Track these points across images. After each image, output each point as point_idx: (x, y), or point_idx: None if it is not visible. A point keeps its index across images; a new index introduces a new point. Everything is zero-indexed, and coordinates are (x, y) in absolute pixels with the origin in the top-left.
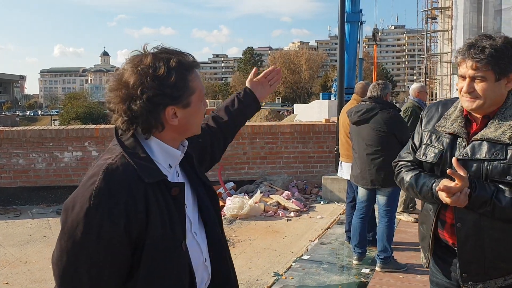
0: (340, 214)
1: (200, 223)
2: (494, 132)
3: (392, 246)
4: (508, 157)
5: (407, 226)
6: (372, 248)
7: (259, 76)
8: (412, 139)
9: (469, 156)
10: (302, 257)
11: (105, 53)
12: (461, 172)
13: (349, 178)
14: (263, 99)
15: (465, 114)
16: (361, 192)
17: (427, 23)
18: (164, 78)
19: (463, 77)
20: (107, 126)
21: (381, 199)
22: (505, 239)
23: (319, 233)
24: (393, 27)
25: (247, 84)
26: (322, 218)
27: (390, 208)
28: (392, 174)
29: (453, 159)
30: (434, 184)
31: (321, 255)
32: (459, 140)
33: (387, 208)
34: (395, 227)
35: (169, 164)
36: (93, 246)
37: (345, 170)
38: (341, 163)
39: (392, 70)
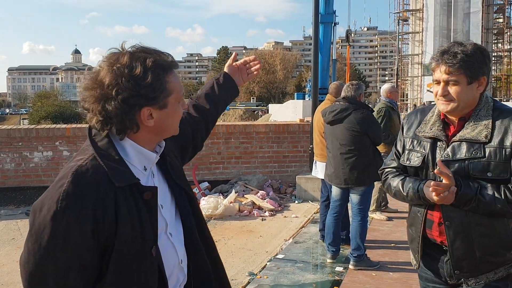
0: (314, 213)
1: (177, 224)
2: (471, 132)
3: (364, 244)
4: (486, 154)
5: (379, 224)
6: (346, 247)
7: (238, 62)
8: (395, 147)
9: (451, 157)
10: (277, 256)
11: (77, 51)
12: (447, 172)
13: (323, 177)
14: (240, 86)
15: (442, 118)
16: (335, 191)
17: (398, 25)
18: (140, 78)
19: (437, 82)
20: (79, 125)
21: (354, 197)
22: (492, 233)
23: (293, 232)
24: (365, 29)
25: (226, 69)
26: (296, 217)
27: (363, 207)
28: (365, 173)
29: (438, 160)
30: (420, 186)
31: (296, 254)
32: (439, 143)
33: (360, 207)
34: (368, 226)
35: (144, 166)
36: (60, 250)
37: (319, 170)
38: (315, 162)
39: (365, 71)
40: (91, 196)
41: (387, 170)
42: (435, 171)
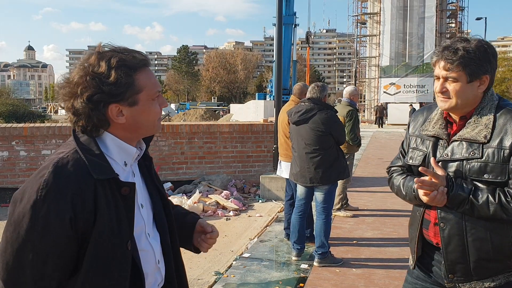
0: (278, 212)
1: (154, 226)
2: (471, 132)
3: (328, 241)
4: (484, 155)
5: (342, 222)
6: (310, 244)
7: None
8: (402, 145)
9: (449, 156)
10: (243, 255)
11: (30, 48)
12: (439, 172)
13: (288, 177)
14: (193, 246)
15: (445, 117)
16: (300, 190)
17: (357, 28)
18: (103, 76)
19: (437, 78)
20: (37, 124)
21: (319, 196)
22: (488, 238)
23: (258, 231)
24: (324, 31)
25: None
26: (260, 216)
27: (327, 205)
28: (329, 172)
29: (431, 159)
30: (416, 185)
31: (261, 253)
32: (440, 141)
33: (324, 205)
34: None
35: (125, 162)
36: (38, 239)
37: (284, 169)
38: (280, 162)
39: (324, 72)
40: (70, 186)
41: (393, 168)
42: (420, 168)
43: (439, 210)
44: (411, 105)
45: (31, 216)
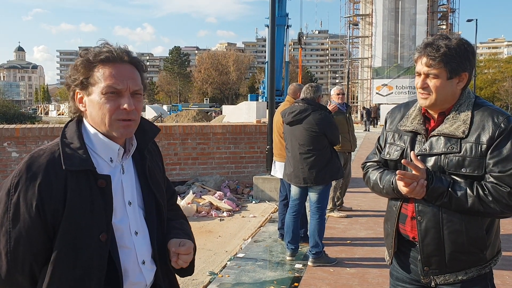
0: (272, 213)
1: (145, 226)
2: (450, 127)
3: (322, 241)
4: (462, 150)
5: (335, 222)
6: (304, 244)
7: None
8: (378, 141)
9: (428, 151)
10: (237, 255)
11: (20, 49)
12: (419, 165)
13: (282, 177)
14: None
15: (423, 113)
16: (294, 190)
17: (349, 29)
18: (74, 65)
19: (419, 74)
20: (29, 126)
21: (312, 196)
22: (464, 231)
23: (252, 231)
24: (317, 32)
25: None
26: (254, 217)
27: (321, 205)
28: (323, 172)
29: (411, 153)
30: (394, 178)
31: (256, 253)
32: (418, 137)
33: (318, 205)
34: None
35: (110, 158)
36: (10, 223)
37: (278, 169)
38: (275, 162)
39: (316, 73)
40: (39, 175)
41: (368, 164)
42: (402, 161)
43: (416, 204)
44: (364, 107)
45: (5, 203)
